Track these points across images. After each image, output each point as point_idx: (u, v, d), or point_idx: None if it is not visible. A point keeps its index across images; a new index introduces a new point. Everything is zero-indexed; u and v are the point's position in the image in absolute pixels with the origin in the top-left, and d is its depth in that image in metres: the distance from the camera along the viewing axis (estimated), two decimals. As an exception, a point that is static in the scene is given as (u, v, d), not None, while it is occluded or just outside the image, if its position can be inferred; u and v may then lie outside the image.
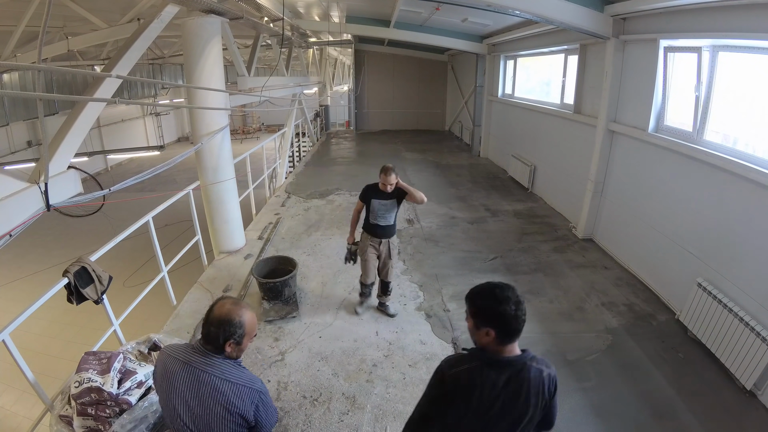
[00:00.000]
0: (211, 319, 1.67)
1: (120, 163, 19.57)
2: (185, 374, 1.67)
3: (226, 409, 1.65)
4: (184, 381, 1.66)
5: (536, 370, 1.60)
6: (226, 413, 1.65)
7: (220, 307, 1.69)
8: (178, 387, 1.66)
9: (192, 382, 1.66)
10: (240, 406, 1.65)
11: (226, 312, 1.67)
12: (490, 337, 1.55)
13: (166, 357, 1.75)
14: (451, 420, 1.61)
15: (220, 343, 1.66)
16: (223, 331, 1.65)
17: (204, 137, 5.02)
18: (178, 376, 1.67)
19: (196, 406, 1.65)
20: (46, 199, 2.71)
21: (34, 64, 3.00)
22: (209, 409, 1.64)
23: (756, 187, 3.47)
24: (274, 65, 11.22)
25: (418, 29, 10.66)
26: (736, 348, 3.36)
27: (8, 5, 5.51)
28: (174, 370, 1.69)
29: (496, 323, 1.52)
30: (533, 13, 5.31)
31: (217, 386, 1.65)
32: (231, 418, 1.66)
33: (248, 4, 5.90)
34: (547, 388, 1.63)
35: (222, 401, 1.64)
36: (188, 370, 1.67)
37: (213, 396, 1.64)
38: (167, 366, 1.71)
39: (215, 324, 1.66)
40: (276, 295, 4.31)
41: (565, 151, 7.25)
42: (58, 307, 3.75)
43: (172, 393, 1.67)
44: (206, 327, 1.68)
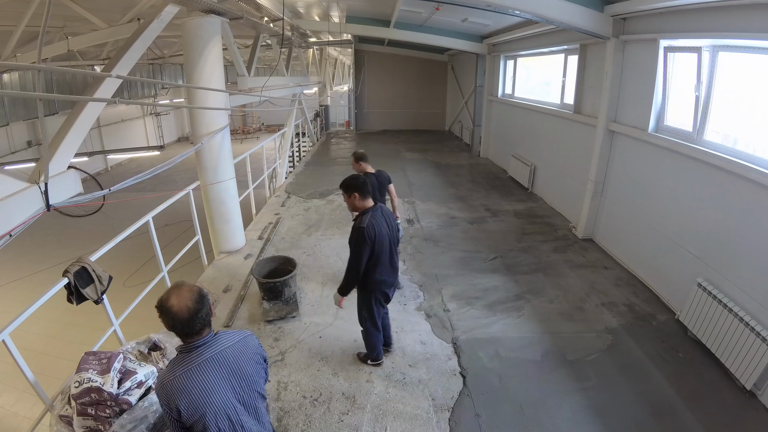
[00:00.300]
0: (183, 313, 1.65)
1: (120, 163, 19.57)
2: (214, 371, 1.71)
3: (254, 361, 1.84)
4: (216, 374, 1.71)
5: (383, 206, 3.20)
6: (256, 365, 1.85)
7: (177, 299, 1.66)
8: (215, 386, 1.69)
9: (224, 370, 1.73)
10: (258, 349, 1.89)
11: (186, 298, 1.67)
12: (356, 198, 3.06)
13: (176, 379, 1.67)
14: (376, 251, 3.02)
15: (208, 321, 1.74)
16: (203, 312, 1.70)
17: (204, 137, 5.02)
18: (208, 376, 1.69)
19: (237, 384, 1.75)
20: (46, 199, 2.71)
21: (34, 64, 3.00)
22: (245, 373, 1.78)
23: (756, 187, 3.46)
24: (274, 65, 11.23)
25: (418, 29, 10.66)
26: (736, 348, 3.35)
27: (8, 5, 5.51)
28: (204, 375, 1.68)
29: (357, 189, 3.04)
30: (533, 13, 5.30)
31: (236, 351, 1.78)
32: (260, 366, 1.87)
33: (248, 4, 5.90)
34: (393, 215, 3.35)
35: (250, 357, 1.82)
36: (210, 364, 1.71)
37: (241, 361, 1.78)
38: (195, 384, 1.66)
39: (192, 313, 1.66)
40: (276, 295, 4.31)
41: (565, 151, 7.25)
42: (58, 307, 3.74)
43: (213, 393, 1.68)
44: (188, 323, 1.67)
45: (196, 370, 1.68)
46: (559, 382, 3.45)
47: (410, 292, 4.77)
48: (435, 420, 3.06)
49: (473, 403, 3.22)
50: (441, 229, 6.67)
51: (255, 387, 1.81)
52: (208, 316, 1.73)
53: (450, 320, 4.25)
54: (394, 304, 4.49)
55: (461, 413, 3.13)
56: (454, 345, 3.88)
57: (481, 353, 3.78)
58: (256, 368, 1.84)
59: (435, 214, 7.35)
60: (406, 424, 3.02)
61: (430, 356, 3.72)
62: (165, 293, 1.70)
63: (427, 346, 3.86)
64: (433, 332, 4.05)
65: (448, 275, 5.17)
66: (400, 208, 4.68)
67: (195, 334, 1.71)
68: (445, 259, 5.60)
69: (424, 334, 4.02)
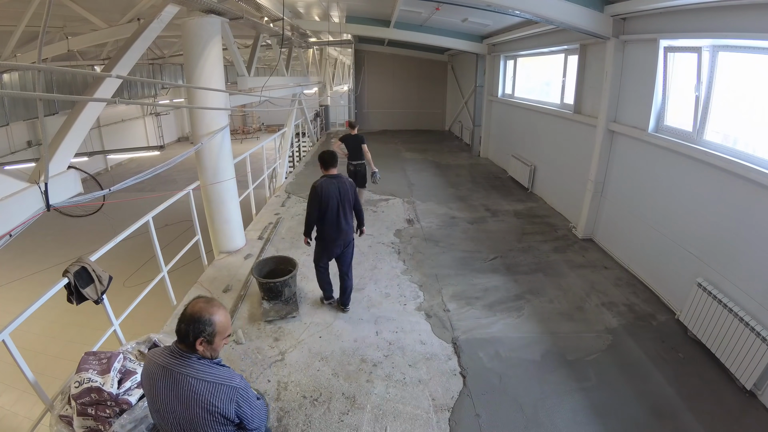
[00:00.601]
0: (183, 316, 1.68)
1: (120, 163, 19.57)
2: (165, 378, 1.67)
3: (205, 409, 1.63)
4: (165, 385, 1.66)
5: (344, 178, 4.05)
6: (206, 414, 1.63)
7: (193, 305, 1.70)
8: (161, 391, 1.66)
9: (172, 385, 1.65)
10: (218, 405, 1.64)
11: (198, 310, 1.68)
12: (320, 167, 4.05)
13: (147, 362, 1.75)
14: (323, 206, 3.91)
15: (191, 341, 1.66)
16: (193, 328, 1.65)
17: (204, 137, 5.02)
18: (159, 380, 1.67)
19: (179, 408, 1.64)
20: (46, 199, 2.71)
21: (34, 64, 3.00)
22: (191, 410, 1.63)
23: (756, 187, 3.47)
24: (274, 65, 11.22)
25: (418, 29, 10.66)
26: (736, 348, 3.35)
27: (8, 5, 5.51)
28: (155, 375, 1.69)
29: (320, 162, 4.05)
30: (533, 13, 5.30)
31: (194, 387, 1.64)
32: (212, 418, 1.64)
33: (248, 4, 5.90)
34: (351, 184, 4.08)
35: (200, 402, 1.63)
36: (166, 373, 1.67)
37: (191, 397, 1.64)
38: (149, 371, 1.72)
39: (186, 321, 1.67)
40: (276, 295, 4.31)
41: (565, 151, 7.25)
42: (58, 307, 3.75)
43: (156, 397, 1.67)
44: (178, 324, 1.69)
45: (158, 369, 1.70)
46: (559, 382, 3.45)
47: (410, 292, 4.77)
48: (435, 420, 3.06)
49: (473, 403, 3.22)
50: (441, 229, 6.67)
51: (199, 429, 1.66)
52: (188, 338, 1.67)
53: (450, 320, 4.25)
54: (394, 303, 4.51)
55: (461, 413, 3.13)
56: (454, 345, 3.88)
57: (481, 353, 3.78)
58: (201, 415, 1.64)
59: (435, 214, 7.35)
60: (406, 424, 3.02)
61: (430, 356, 3.72)
62: (196, 302, 1.74)
63: (427, 346, 3.86)
64: (433, 332, 4.05)
65: (448, 275, 5.17)
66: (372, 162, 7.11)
67: (180, 340, 1.71)
68: (445, 259, 5.60)
69: (424, 334, 4.02)
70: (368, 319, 4.25)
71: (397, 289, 4.81)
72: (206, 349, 1.69)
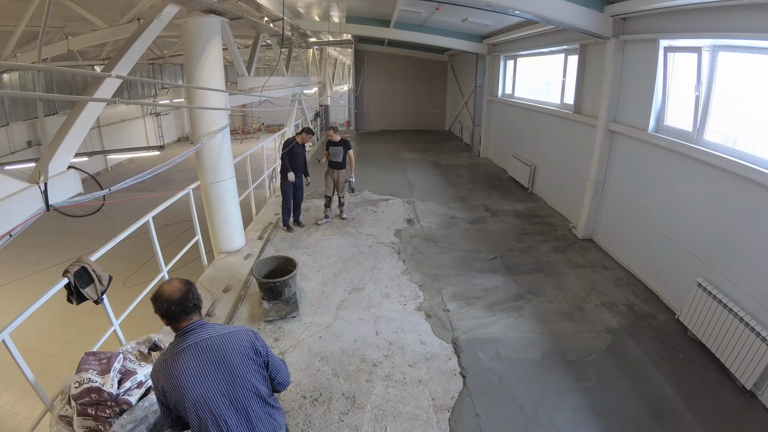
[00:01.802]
0: (170, 299, 1.76)
1: (120, 163, 19.56)
2: (193, 358, 1.72)
3: (243, 355, 1.78)
4: (196, 364, 1.72)
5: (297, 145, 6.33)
6: (245, 360, 1.78)
7: (167, 289, 1.79)
8: (196, 374, 1.71)
9: (203, 358, 1.73)
10: (249, 344, 1.83)
11: (175, 287, 1.80)
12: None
13: (164, 362, 1.76)
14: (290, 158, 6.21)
15: (194, 309, 1.80)
16: (191, 298, 1.80)
17: (204, 137, 5.02)
18: (188, 364, 1.71)
19: (220, 374, 1.72)
20: (46, 199, 2.71)
21: (34, 64, 3.00)
22: (232, 365, 1.74)
23: (756, 187, 3.47)
24: (274, 65, 11.23)
25: (418, 29, 10.66)
26: (736, 348, 3.36)
27: (8, 5, 5.51)
28: (182, 364, 1.72)
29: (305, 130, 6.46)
30: (533, 13, 5.31)
31: (224, 342, 1.77)
32: (251, 361, 1.80)
33: (248, 4, 5.90)
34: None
35: (237, 349, 1.78)
36: (191, 352, 1.73)
37: (228, 353, 1.76)
38: (172, 367, 1.72)
39: (177, 300, 1.76)
40: (276, 295, 4.31)
41: (565, 151, 7.25)
42: (58, 307, 3.75)
43: (193, 384, 1.69)
44: (170, 309, 1.75)
45: (180, 355, 1.73)
46: (559, 382, 3.45)
47: (410, 292, 4.77)
48: (435, 420, 3.06)
49: (473, 403, 3.22)
50: (441, 229, 6.67)
51: (244, 383, 1.74)
52: (197, 299, 1.82)
53: (450, 320, 4.25)
54: (394, 303, 4.50)
55: (461, 413, 3.13)
56: (454, 345, 3.88)
57: (481, 353, 3.78)
58: (244, 361, 1.76)
59: (435, 214, 7.35)
60: (406, 424, 3.02)
61: (430, 356, 3.72)
62: (157, 288, 1.83)
63: (427, 346, 3.86)
64: (433, 332, 4.05)
65: (448, 275, 5.17)
66: (355, 169, 6.84)
67: (185, 317, 1.78)
68: (445, 259, 5.60)
69: (424, 334, 4.02)
70: (368, 319, 4.25)
71: (397, 289, 4.81)
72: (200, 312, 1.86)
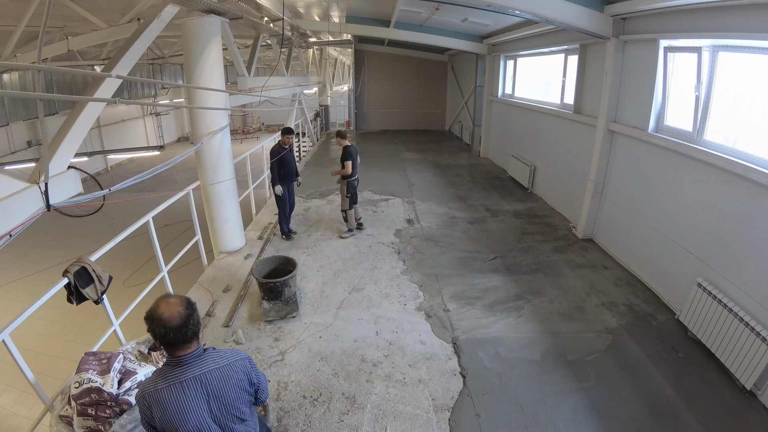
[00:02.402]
0: (170, 323, 1.61)
1: (120, 163, 19.57)
2: (194, 391, 1.67)
3: (238, 388, 1.78)
4: (190, 398, 1.67)
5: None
6: (240, 391, 1.78)
7: (165, 310, 1.63)
8: (186, 406, 1.65)
9: (204, 392, 1.69)
10: (245, 376, 1.81)
11: (175, 310, 1.63)
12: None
13: (154, 392, 1.67)
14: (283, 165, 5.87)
15: (194, 336, 1.69)
16: (192, 323, 1.66)
17: (204, 137, 5.02)
18: (179, 398, 1.65)
19: (214, 406, 1.71)
20: (46, 199, 2.71)
21: (34, 64, 3.00)
22: (226, 398, 1.74)
23: (756, 187, 3.46)
24: (274, 65, 11.23)
25: (418, 29, 10.66)
26: (736, 348, 3.35)
27: (8, 5, 5.51)
28: (173, 396, 1.65)
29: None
30: (533, 13, 5.30)
31: (222, 375, 1.74)
32: (244, 392, 1.80)
33: (248, 4, 5.90)
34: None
35: (233, 384, 1.75)
36: (186, 386, 1.67)
37: (224, 387, 1.73)
38: (163, 398, 1.66)
39: (176, 326, 1.62)
40: (276, 295, 4.31)
41: (565, 151, 7.25)
42: (58, 307, 3.74)
43: (184, 415, 1.65)
44: (167, 335, 1.62)
45: (176, 387, 1.66)
46: (559, 382, 3.45)
47: (410, 292, 4.77)
48: (435, 420, 3.06)
49: (473, 403, 3.22)
50: (441, 229, 6.67)
51: (234, 412, 1.76)
52: (197, 325, 1.69)
53: (450, 320, 4.25)
54: (394, 303, 4.50)
55: (461, 413, 3.13)
56: (454, 345, 3.88)
57: (481, 353, 3.78)
58: (239, 394, 1.78)
59: (435, 214, 7.35)
60: (406, 424, 3.02)
61: (430, 356, 3.72)
62: (153, 304, 1.66)
63: (427, 346, 3.86)
64: (433, 332, 4.05)
65: (448, 275, 5.17)
66: (340, 171, 6.17)
67: (185, 344, 1.67)
68: (445, 259, 5.60)
69: (424, 334, 4.02)
70: (368, 319, 4.25)
71: (397, 289, 4.81)
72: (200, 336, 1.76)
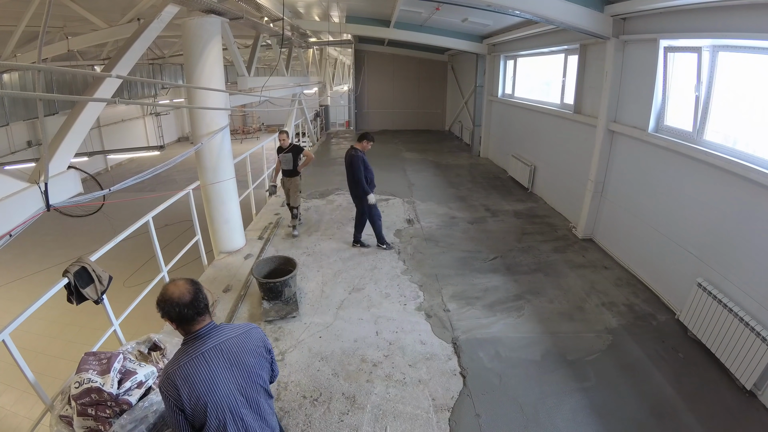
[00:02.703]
0: (181, 301, 1.71)
1: (120, 163, 19.57)
2: (211, 362, 1.73)
3: (257, 354, 1.85)
4: (214, 367, 1.73)
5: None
6: (259, 358, 1.86)
7: (175, 290, 1.74)
8: (211, 376, 1.71)
9: (221, 361, 1.75)
10: (261, 342, 1.91)
11: (183, 288, 1.75)
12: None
13: (179, 366, 1.70)
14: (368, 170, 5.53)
15: (205, 309, 1.78)
16: (201, 298, 1.78)
17: (204, 137, 5.02)
18: (204, 368, 1.71)
19: (240, 376, 1.77)
20: (46, 199, 2.71)
21: (34, 64, 3.00)
22: (247, 365, 1.80)
23: (756, 187, 3.46)
24: (274, 65, 11.23)
25: (418, 29, 10.66)
26: (736, 348, 3.35)
27: (8, 5, 5.51)
28: (198, 367, 1.70)
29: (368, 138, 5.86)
30: (533, 13, 5.30)
31: (240, 344, 1.82)
32: (263, 358, 1.88)
33: (248, 4, 5.90)
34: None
35: (252, 351, 1.84)
36: (209, 356, 1.73)
37: (243, 353, 1.80)
38: (189, 370, 1.69)
39: (188, 302, 1.72)
40: (276, 295, 4.31)
41: (565, 151, 7.25)
42: (58, 307, 3.74)
43: (212, 386, 1.70)
44: (182, 311, 1.71)
45: (199, 358, 1.71)
46: (559, 382, 3.45)
47: (410, 292, 4.77)
48: (435, 420, 3.06)
49: (473, 403, 3.22)
50: (441, 229, 6.67)
51: (257, 380, 1.82)
52: (206, 298, 1.80)
53: (450, 320, 4.25)
54: (394, 303, 4.50)
55: (461, 413, 3.13)
56: (454, 345, 3.88)
57: (481, 353, 3.78)
58: (258, 360, 1.85)
59: (435, 214, 7.35)
60: (406, 424, 3.02)
61: (430, 356, 3.72)
62: (161, 290, 1.77)
63: (427, 346, 3.86)
64: (433, 332, 4.05)
65: (448, 275, 5.17)
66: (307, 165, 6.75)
67: (199, 318, 1.76)
68: (445, 259, 5.60)
69: (424, 334, 4.02)
70: (368, 319, 4.25)
71: (397, 289, 4.81)
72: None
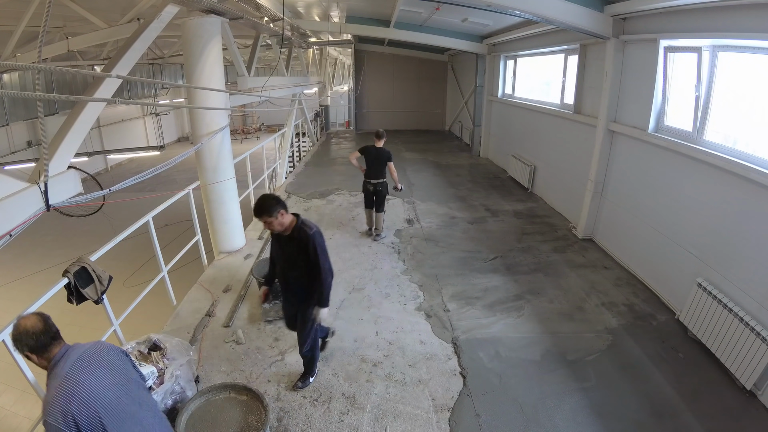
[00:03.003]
0: (38, 320, 1.77)
1: (120, 163, 19.58)
2: (89, 369, 1.80)
3: (114, 350, 1.98)
4: (94, 373, 1.80)
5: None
6: (121, 355, 2.00)
7: (26, 321, 1.75)
8: (96, 381, 1.79)
9: (96, 367, 1.83)
10: (114, 347, 2.00)
11: (34, 318, 1.77)
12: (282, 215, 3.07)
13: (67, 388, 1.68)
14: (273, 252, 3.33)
15: (59, 332, 1.83)
16: (52, 323, 1.82)
17: (204, 137, 5.02)
18: (84, 375, 1.77)
19: (116, 377, 1.87)
20: (46, 199, 2.71)
21: (34, 64, 3.00)
22: (115, 365, 1.91)
23: (756, 187, 3.46)
24: (274, 65, 11.23)
25: (418, 29, 10.66)
26: (736, 348, 3.35)
27: (8, 5, 5.51)
28: (79, 382, 1.72)
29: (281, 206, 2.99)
30: (533, 13, 5.31)
31: (99, 349, 1.89)
32: (121, 352, 2.02)
33: (248, 4, 5.90)
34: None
35: (111, 351, 1.95)
36: (83, 365, 1.79)
37: (106, 357, 1.89)
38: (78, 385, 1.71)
39: (45, 323, 1.78)
40: (276, 296, 4.30)
41: (565, 151, 7.25)
42: (58, 307, 3.72)
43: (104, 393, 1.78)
44: (47, 328, 1.77)
45: (70, 374, 1.71)
46: (559, 382, 3.45)
47: (410, 292, 4.77)
48: (435, 420, 3.06)
49: (473, 403, 3.22)
50: (441, 229, 6.67)
51: (128, 375, 1.92)
52: (55, 327, 1.82)
53: (450, 320, 4.25)
54: (394, 303, 4.50)
55: (461, 413, 3.13)
56: (454, 345, 3.88)
57: (481, 353, 3.78)
58: (120, 357, 1.96)
59: (435, 214, 7.35)
60: (406, 424, 3.02)
61: (430, 356, 3.72)
62: (12, 329, 1.78)
63: (427, 346, 3.86)
64: (433, 332, 4.05)
65: (448, 275, 5.17)
66: (400, 180, 6.31)
67: (54, 343, 1.77)
68: (445, 259, 5.60)
69: (424, 334, 4.02)
70: (368, 319, 4.25)
71: (397, 289, 4.81)
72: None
